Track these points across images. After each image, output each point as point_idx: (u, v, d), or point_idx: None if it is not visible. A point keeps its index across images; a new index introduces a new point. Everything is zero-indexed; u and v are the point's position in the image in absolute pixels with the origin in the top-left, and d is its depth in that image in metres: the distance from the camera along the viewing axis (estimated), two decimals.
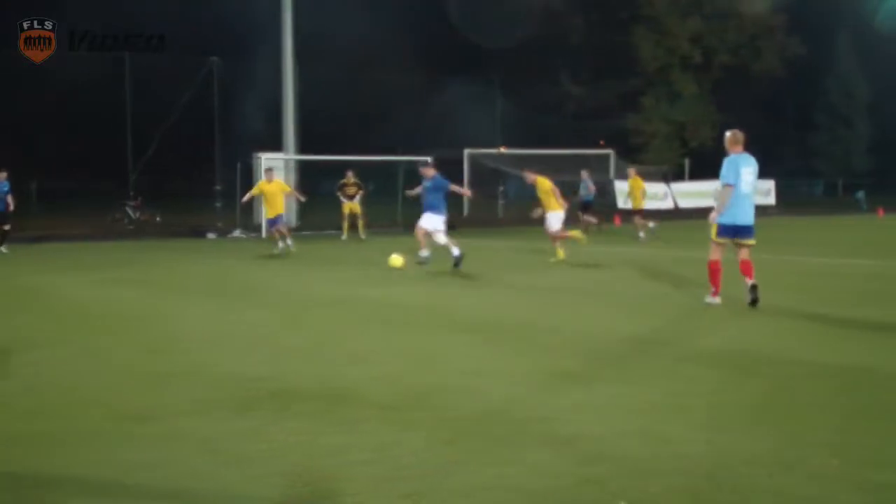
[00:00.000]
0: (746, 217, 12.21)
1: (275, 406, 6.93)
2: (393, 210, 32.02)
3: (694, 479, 5.21)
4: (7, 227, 22.71)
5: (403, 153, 34.97)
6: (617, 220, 33.60)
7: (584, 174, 28.94)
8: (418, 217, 17.94)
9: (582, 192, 28.54)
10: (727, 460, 5.53)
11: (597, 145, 46.32)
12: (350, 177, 27.74)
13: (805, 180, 69.33)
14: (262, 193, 22.91)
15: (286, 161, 32.20)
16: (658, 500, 4.94)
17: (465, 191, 23.18)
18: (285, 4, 32.00)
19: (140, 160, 32.35)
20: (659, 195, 41.13)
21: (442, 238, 17.65)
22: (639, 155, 50.22)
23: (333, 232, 28.28)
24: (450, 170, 38.82)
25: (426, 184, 18.10)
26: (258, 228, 28.42)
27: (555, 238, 19.24)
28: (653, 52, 51.63)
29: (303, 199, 26.37)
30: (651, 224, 26.57)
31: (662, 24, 51.43)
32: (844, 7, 58.19)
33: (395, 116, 55.98)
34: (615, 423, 6.35)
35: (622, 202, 38.01)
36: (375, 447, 5.84)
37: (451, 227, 31.24)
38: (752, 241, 12.30)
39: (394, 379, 7.82)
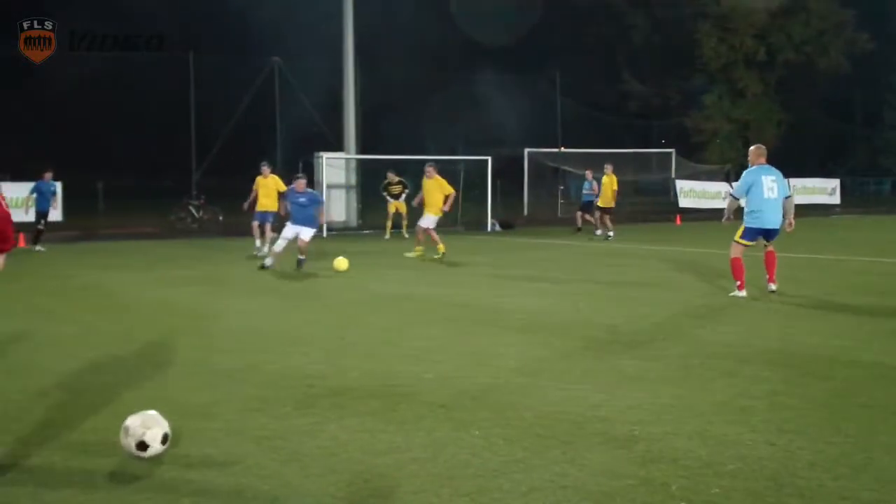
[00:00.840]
0: (774, 221, 13.12)
1: (333, 404, 6.97)
2: (453, 210, 32.02)
3: (756, 482, 5.15)
4: (41, 227, 23.04)
5: (464, 153, 34.99)
6: (678, 220, 33.26)
7: (589, 174, 28.88)
8: (478, 216, 17.78)
9: (585, 191, 28.66)
10: (790, 463, 5.45)
11: (658, 144, 45.95)
12: (392, 176, 27.88)
13: (872, 178, 68.07)
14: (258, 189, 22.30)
15: (347, 160, 32.36)
16: (720, 502, 4.89)
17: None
18: (347, 2, 32.14)
19: (204, 159, 32.74)
20: (721, 195, 40.66)
21: (280, 246, 17.42)
22: (700, 154, 49.70)
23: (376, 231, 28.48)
24: (512, 168, 38.95)
25: (301, 199, 17.62)
26: (319, 228, 28.57)
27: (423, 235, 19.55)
28: (716, 49, 51.05)
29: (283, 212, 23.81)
30: (611, 233, 25.60)
31: (727, 20, 50.83)
32: None
33: (456, 116, 56.00)
34: (675, 424, 6.29)
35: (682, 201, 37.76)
36: (433, 445, 5.86)
37: (510, 227, 31.42)
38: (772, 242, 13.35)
39: (451, 378, 7.83)
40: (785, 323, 10.65)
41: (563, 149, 40.16)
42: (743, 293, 12.92)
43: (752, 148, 13.82)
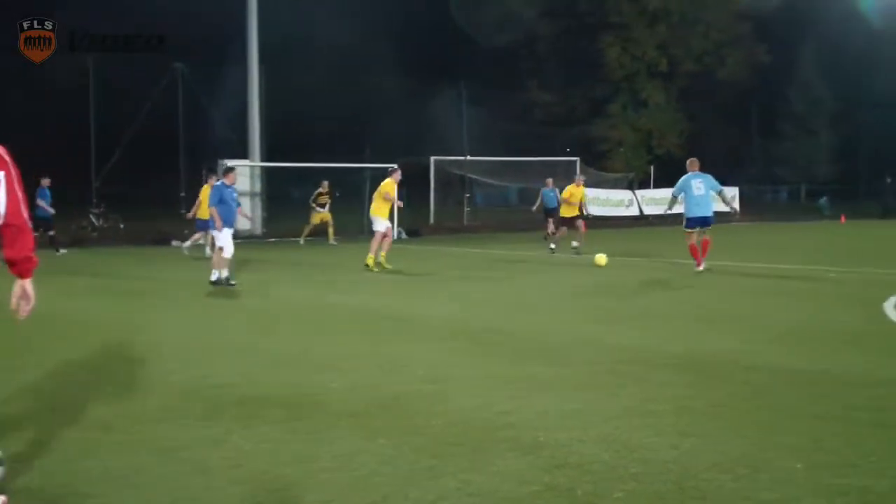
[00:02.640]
0: (703, 211, 17.57)
1: (240, 413, 6.88)
2: (359, 217, 31.96)
3: (660, 484, 5.23)
4: (52, 232, 24.27)
5: (370, 160, 34.91)
6: (584, 227, 33.63)
7: (550, 182, 28.90)
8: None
9: (546, 199, 28.58)
10: (692, 465, 5.55)
11: (564, 153, 46.48)
12: (326, 186, 27.87)
13: (769, 187, 69.96)
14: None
15: (251, 168, 32.02)
16: None
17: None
18: (251, 9, 31.85)
19: (104, 167, 32.04)
20: (625, 202, 41.34)
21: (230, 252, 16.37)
22: (605, 162, 50.42)
23: (293, 239, 28.33)
24: (418, 177, 38.99)
25: (234, 195, 16.71)
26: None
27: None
28: (619, 59, 51.89)
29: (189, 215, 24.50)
30: (553, 245, 25.34)
31: (629, 31, 51.71)
32: (809, 15, 58.75)
33: (364, 123, 55.89)
34: (582, 430, 6.35)
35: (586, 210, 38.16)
36: (341, 455, 5.81)
37: (416, 234, 31.46)
38: (708, 228, 17.70)
39: (361, 386, 7.79)
40: (690, 328, 10.86)
41: (468, 157, 40.33)
42: (702, 268, 17.45)
43: (688, 161, 18.47)
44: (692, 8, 52.00)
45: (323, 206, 27.91)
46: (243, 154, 32.05)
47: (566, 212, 24.46)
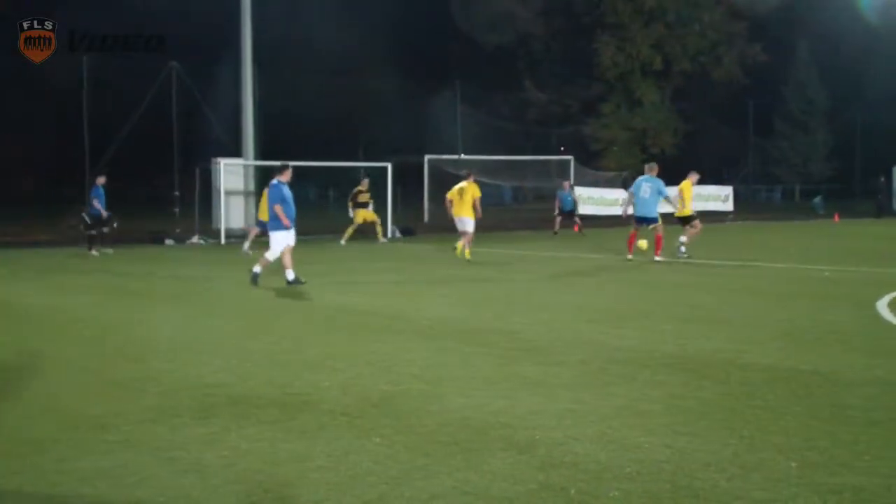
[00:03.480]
0: (649, 212, 19.77)
1: (234, 413, 6.88)
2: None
3: (654, 484, 5.24)
4: (106, 230, 24.10)
5: (364, 159, 34.90)
6: (577, 227, 33.67)
7: (566, 185, 31.20)
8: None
9: (563, 200, 30.56)
10: (686, 464, 5.56)
11: (558, 151, 46.50)
12: (366, 184, 27.47)
13: (764, 186, 70.07)
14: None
15: (245, 166, 31.97)
16: None
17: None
18: (245, 8, 31.79)
19: (98, 165, 31.94)
20: (618, 201, 41.30)
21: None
22: (599, 161, 50.44)
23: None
24: (412, 176, 39.00)
25: (290, 194, 16.21)
26: (216, 235, 28.26)
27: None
28: (614, 58, 51.91)
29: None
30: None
31: (625, 30, 51.74)
32: (804, 15, 58.85)
33: (358, 123, 55.88)
34: (575, 429, 6.36)
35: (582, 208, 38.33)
36: (335, 454, 5.82)
37: (411, 233, 31.43)
38: (657, 225, 19.78)
39: (353, 385, 7.79)
40: (682, 327, 10.86)
41: (462, 156, 40.32)
42: (630, 256, 19.87)
43: (647, 165, 20.85)
44: (688, 7, 52.04)
45: (364, 204, 27.21)
46: (237, 153, 31.99)
47: None
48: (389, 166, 31.96)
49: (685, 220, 20.96)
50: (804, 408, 6.91)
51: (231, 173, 30.37)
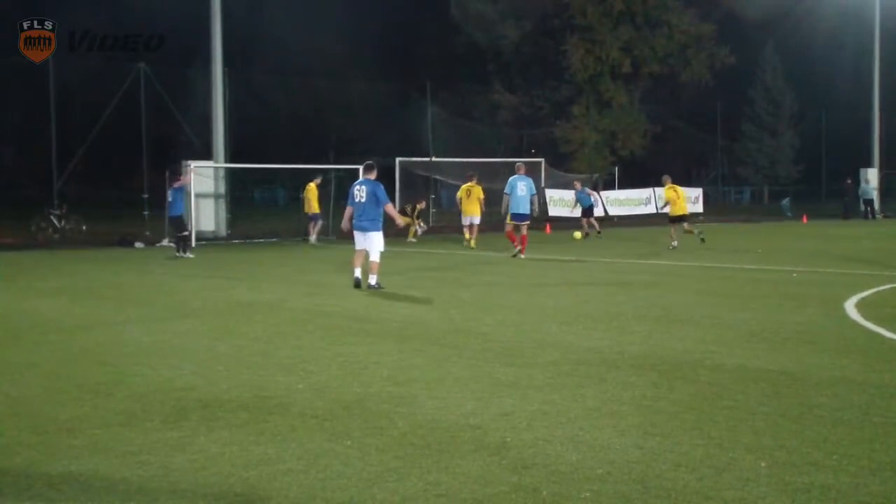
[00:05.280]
0: (526, 209, 21.40)
1: (205, 416, 6.84)
2: (324, 218, 31.94)
3: (625, 484, 5.26)
4: (186, 232, 23.92)
5: (335, 161, 34.80)
6: (548, 228, 33.77)
7: (578, 184, 32.58)
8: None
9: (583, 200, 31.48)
10: (657, 465, 5.58)
11: (529, 153, 46.56)
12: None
13: (733, 188, 70.58)
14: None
15: (216, 169, 31.82)
16: None
17: None
18: (214, 10, 31.65)
19: (66, 167, 31.70)
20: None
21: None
22: (569, 163, 50.56)
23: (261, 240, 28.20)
24: (383, 178, 38.93)
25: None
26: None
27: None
28: (583, 60, 52.04)
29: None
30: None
31: (594, 32, 51.89)
32: (771, 17, 59.33)
33: (327, 125, 55.72)
34: (547, 430, 6.38)
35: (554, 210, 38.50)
36: (306, 457, 5.80)
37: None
38: (527, 223, 21.68)
39: (324, 388, 7.77)
40: (652, 329, 10.91)
41: (433, 158, 40.33)
42: (523, 256, 21.24)
43: (517, 164, 22.51)
44: (656, 10, 52.28)
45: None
46: (208, 155, 31.84)
47: None
48: (361, 168, 31.90)
49: (678, 220, 24.41)
50: (773, 408, 6.96)
51: (201, 176, 30.21)
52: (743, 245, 26.51)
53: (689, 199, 35.00)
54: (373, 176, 15.75)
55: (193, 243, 25.92)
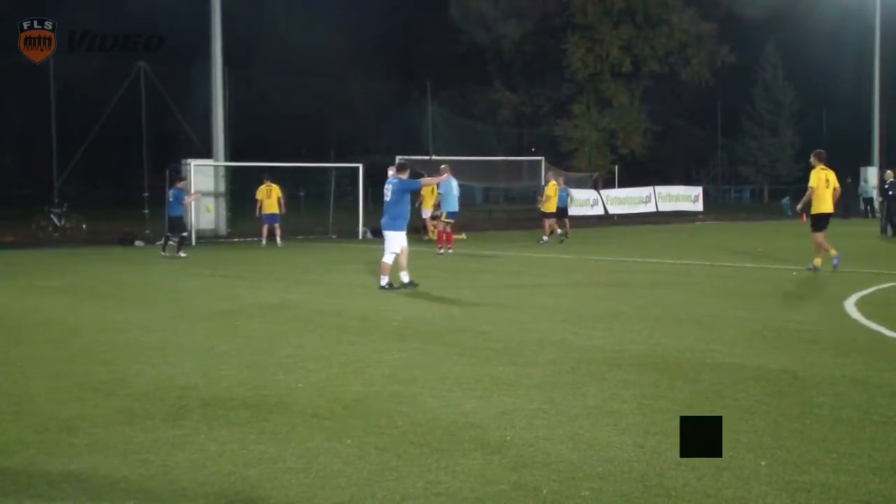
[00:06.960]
0: (453, 207, 23.67)
1: (204, 415, 6.84)
2: (324, 217, 31.94)
3: (625, 483, 5.26)
4: (185, 233, 24.38)
5: (335, 160, 34.79)
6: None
7: (561, 181, 30.55)
8: (350, 223, 17.37)
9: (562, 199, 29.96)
10: (657, 463, 5.59)
11: (529, 152, 46.55)
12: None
13: (733, 187, 70.56)
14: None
15: (216, 167, 31.82)
16: None
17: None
18: (214, 9, 31.65)
19: (66, 166, 31.71)
20: (589, 201, 41.47)
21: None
22: (569, 161, 50.56)
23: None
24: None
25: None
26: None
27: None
28: (583, 59, 52.05)
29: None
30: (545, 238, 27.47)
31: (594, 31, 51.90)
32: (771, 16, 59.29)
33: (328, 123, 55.71)
34: (547, 429, 6.38)
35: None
36: (306, 455, 5.81)
37: (381, 234, 31.38)
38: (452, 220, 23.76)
39: (324, 386, 7.77)
40: (653, 327, 10.91)
41: (433, 156, 40.33)
42: (451, 251, 22.87)
43: (442, 166, 22.58)
44: (657, 8, 52.28)
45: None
46: (208, 154, 31.84)
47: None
48: (361, 167, 31.95)
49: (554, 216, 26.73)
50: (774, 406, 6.96)
51: (201, 174, 30.21)
52: (743, 244, 26.50)
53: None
54: (404, 175, 15.64)
55: (193, 242, 25.92)
